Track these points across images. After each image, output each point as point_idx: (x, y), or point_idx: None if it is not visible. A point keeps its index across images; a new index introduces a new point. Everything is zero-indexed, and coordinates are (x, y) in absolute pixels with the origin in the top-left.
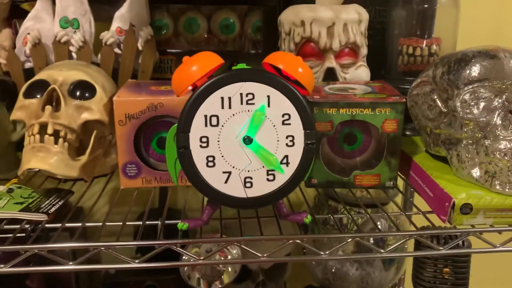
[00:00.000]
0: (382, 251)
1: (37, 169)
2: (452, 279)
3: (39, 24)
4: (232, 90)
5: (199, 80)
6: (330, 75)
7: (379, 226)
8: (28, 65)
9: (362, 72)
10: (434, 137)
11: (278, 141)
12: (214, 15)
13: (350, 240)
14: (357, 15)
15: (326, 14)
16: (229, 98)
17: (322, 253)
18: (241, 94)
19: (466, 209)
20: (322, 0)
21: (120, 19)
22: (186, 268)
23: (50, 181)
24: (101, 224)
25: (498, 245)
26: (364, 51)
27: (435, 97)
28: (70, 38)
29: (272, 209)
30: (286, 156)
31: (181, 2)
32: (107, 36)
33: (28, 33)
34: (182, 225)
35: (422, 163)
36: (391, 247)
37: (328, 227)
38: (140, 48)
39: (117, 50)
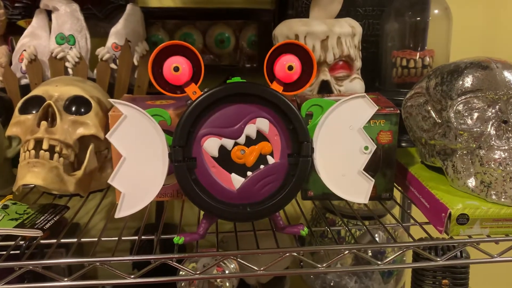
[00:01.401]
0: (380, 263)
1: (33, 185)
2: None
3: (35, 40)
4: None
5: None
6: (325, 88)
7: (377, 239)
8: (24, 81)
9: (356, 84)
10: (429, 148)
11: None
12: (209, 30)
13: (347, 252)
14: (351, 28)
15: (320, 28)
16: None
17: (319, 265)
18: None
19: (463, 219)
20: (315, 14)
21: (116, 35)
22: (183, 283)
23: (45, 197)
24: (96, 239)
25: (495, 255)
26: (358, 63)
27: (429, 108)
28: (66, 54)
29: (269, 222)
30: None
31: (177, 17)
32: (103, 52)
33: (24, 50)
34: (178, 239)
35: (418, 174)
36: (389, 259)
37: (326, 240)
38: (135, 63)
39: (113, 65)
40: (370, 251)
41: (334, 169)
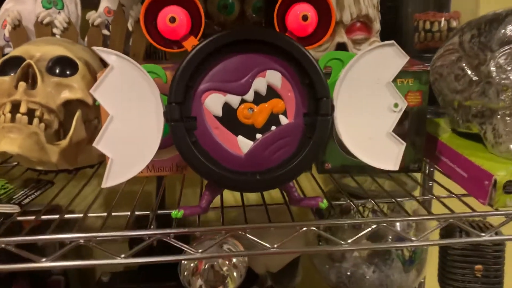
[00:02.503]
0: (414, 238)
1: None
2: (485, 278)
3: (19, 5)
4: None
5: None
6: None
7: (397, 224)
8: (8, 50)
9: None
10: (463, 111)
11: None
12: None
13: (375, 226)
14: None
15: None
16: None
17: (343, 242)
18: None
19: (511, 187)
20: None
21: None
22: (186, 273)
23: (30, 173)
24: (81, 215)
25: None
26: (377, 25)
27: (464, 64)
28: (54, 19)
29: (281, 195)
30: None
31: None
32: (94, 16)
33: (8, 15)
34: (176, 213)
35: (451, 142)
36: (425, 234)
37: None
38: (130, 29)
39: (105, 31)
40: (390, 237)
41: (358, 131)
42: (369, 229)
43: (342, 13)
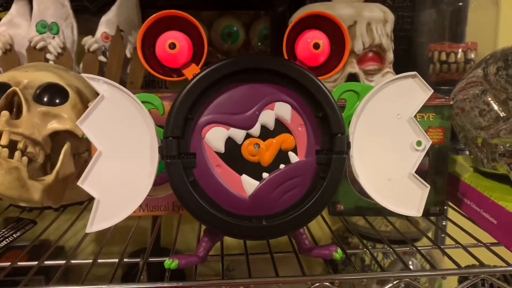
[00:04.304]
0: None
1: None
2: None
3: (12, 29)
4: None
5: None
6: None
7: (411, 267)
8: None
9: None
10: (488, 150)
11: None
12: (215, 22)
13: (396, 282)
14: (382, 13)
15: (346, 11)
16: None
17: None
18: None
19: None
20: None
21: (107, 23)
22: None
23: (13, 210)
24: (64, 262)
25: None
26: (390, 56)
27: (489, 99)
28: (48, 44)
29: (289, 242)
30: None
31: (178, 7)
32: (91, 42)
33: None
34: (170, 262)
35: (475, 183)
36: None
37: (349, 268)
38: (129, 55)
39: (102, 58)
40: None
41: (376, 171)
42: (391, 284)
43: (354, 42)
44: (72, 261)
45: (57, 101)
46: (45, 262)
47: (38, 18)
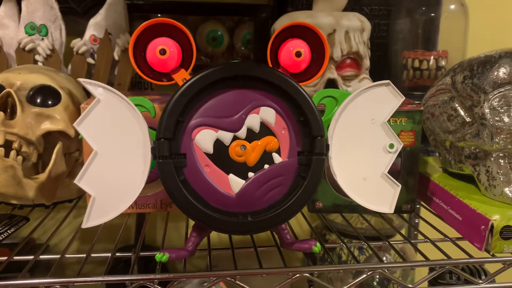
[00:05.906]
0: (411, 286)
1: None
2: None
3: (1, 31)
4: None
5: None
6: (331, 88)
7: (383, 259)
8: None
9: (365, 85)
10: (455, 152)
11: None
12: (201, 27)
13: (371, 273)
14: (360, 22)
15: (326, 20)
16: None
17: None
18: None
19: (508, 232)
20: (320, 6)
21: (95, 26)
22: None
23: (4, 207)
24: (58, 256)
25: None
26: (367, 62)
27: (456, 105)
28: (37, 45)
29: (272, 237)
30: None
31: (164, 12)
32: (79, 44)
33: None
34: (161, 256)
35: (443, 183)
36: (421, 280)
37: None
38: (116, 58)
39: (90, 60)
40: (377, 277)
41: (353, 171)
42: (364, 275)
43: (333, 50)
44: (66, 255)
45: (50, 102)
46: (41, 257)
47: (27, 20)
